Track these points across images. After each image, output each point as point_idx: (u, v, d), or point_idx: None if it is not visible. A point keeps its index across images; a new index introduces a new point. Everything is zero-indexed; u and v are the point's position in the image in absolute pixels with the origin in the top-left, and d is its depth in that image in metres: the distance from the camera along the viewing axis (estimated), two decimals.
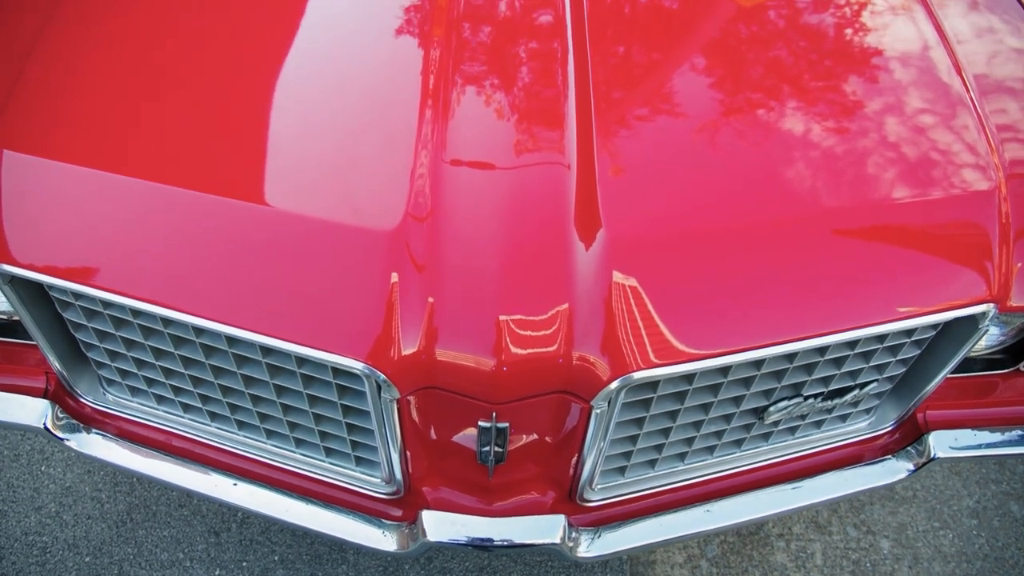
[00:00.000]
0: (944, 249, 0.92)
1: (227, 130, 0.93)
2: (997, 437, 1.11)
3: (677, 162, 0.93)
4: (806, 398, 0.96)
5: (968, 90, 1.07)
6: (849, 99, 1.03)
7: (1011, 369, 1.14)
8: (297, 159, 0.89)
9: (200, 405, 1.00)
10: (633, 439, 0.94)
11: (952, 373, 1.03)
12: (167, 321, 0.87)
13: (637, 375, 0.80)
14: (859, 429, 1.10)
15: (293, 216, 0.84)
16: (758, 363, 0.88)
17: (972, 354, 1.12)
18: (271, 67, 1.00)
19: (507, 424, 0.86)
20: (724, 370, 0.87)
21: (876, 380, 0.99)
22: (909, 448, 1.10)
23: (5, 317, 1.08)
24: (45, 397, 1.06)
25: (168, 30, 1.04)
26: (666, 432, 0.95)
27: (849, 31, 1.17)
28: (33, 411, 1.06)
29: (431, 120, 0.92)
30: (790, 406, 0.96)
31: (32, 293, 0.94)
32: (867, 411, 1.09)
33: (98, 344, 0.97)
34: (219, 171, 0.88)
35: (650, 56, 1.09)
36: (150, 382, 1.02)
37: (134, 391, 1.05)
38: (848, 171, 0.94)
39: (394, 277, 0.80)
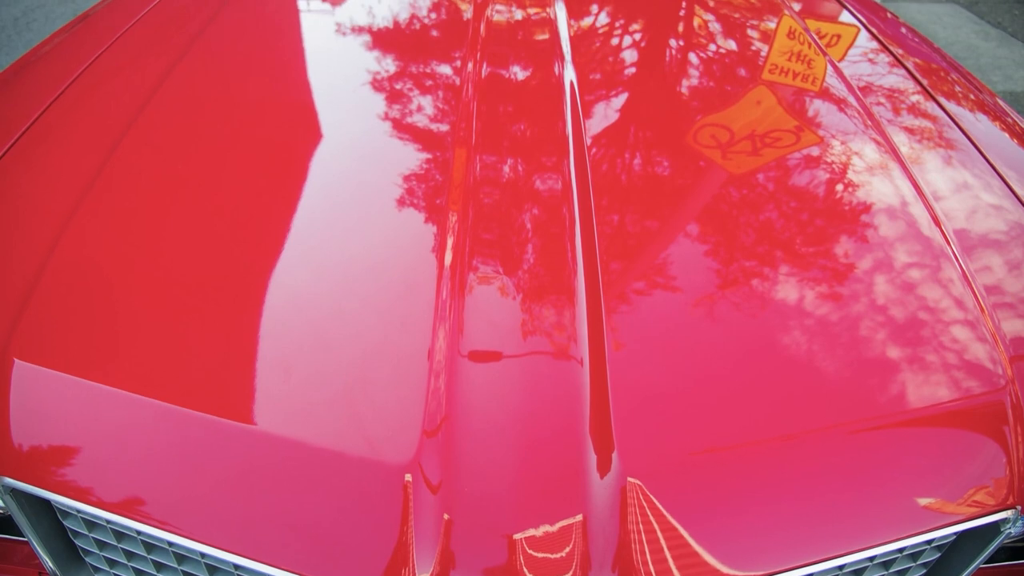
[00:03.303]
0: (957, 452, 0.91)
1: (239, 343, 0.93)
2: None
3: (688, 356, 0.93)
4: None
5: (957, 257, 1.09)
6: (842, 269, 1.06)
7: None
8: (309, 369, 0.89)
9: None
10: None
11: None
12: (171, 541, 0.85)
13: None
14: None
15: (303, 445, 0.83)
16: None
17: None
18: (281, 269, 1.02)
19: None
20: None
21: None
22: None
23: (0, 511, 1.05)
24: None
25: (181, 240, 1.06)
26: None
27: (839, 187, 1.22)
28: None
29: (448, 307, 0.93)
30: None
31: (32, 500, 0.92)
32: None
33: (97, 552, 0.95)
34: (229, 392, 0.88)
35: (650, 225, 1.12)
36: None
37: None
38: (849, 363, 0.94)
39: (408, 503, 0.79)
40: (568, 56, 1.52)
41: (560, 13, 1.71)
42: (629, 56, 1.62)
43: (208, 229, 1.08)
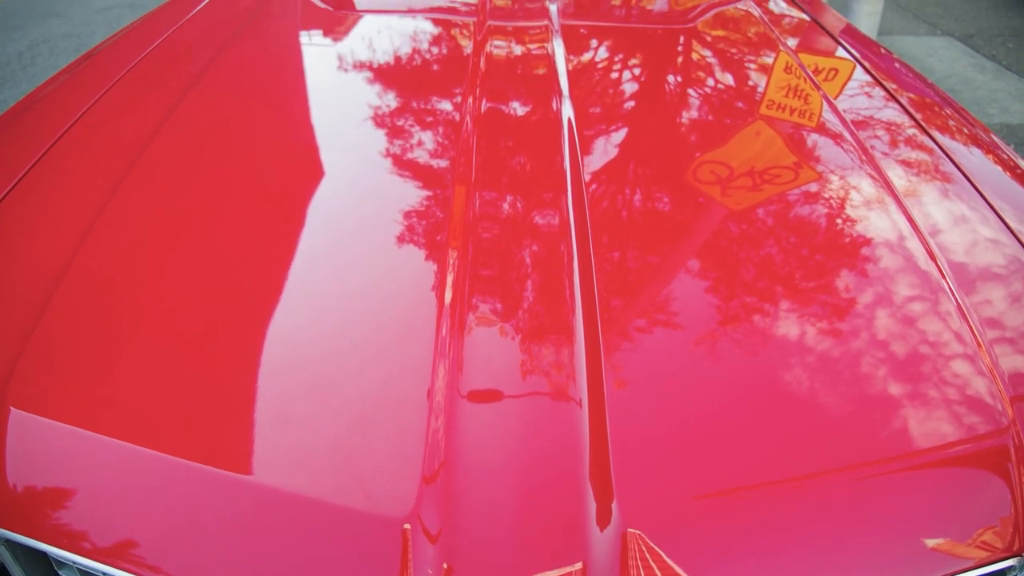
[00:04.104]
0: (960, 498, 0.90)
1: (238, 389, 0.92)
2: None
3: (687, 397, 0.92)
4: None
5: (954, 293, 1.09)
6: (841, 307, 1.05)
7: None
8: (308, 415, 0.88)
9: None
10: None
11: None
12: None
13: None
14: None
15: (301, 495, 0.81)
16: None
17: None
18: (282, 311, 1.01)
19: None
20: None
21: None
22: None
23: None
24: None
25: (180, 284, 1.06)
26: None
27: (835, 224, 1.21)
28: None
29: (448, 347, 0.92)
30: None
31: (27, 551, 0.91)
32: None
33: None
34: (227, 442, 0.87)
35: (648, 261, 1.12)
36: None
37: None
38: (852, 404, 0.93)
39: (408, 553, 0.78)
40: (566, 91, 1.53)
41: (558, 48, 1.73)
42: (626, 91, 1.63)
43: (208, 271, 1.07)
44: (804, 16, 2.17)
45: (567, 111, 1.45)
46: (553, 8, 1.96)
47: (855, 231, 1.19)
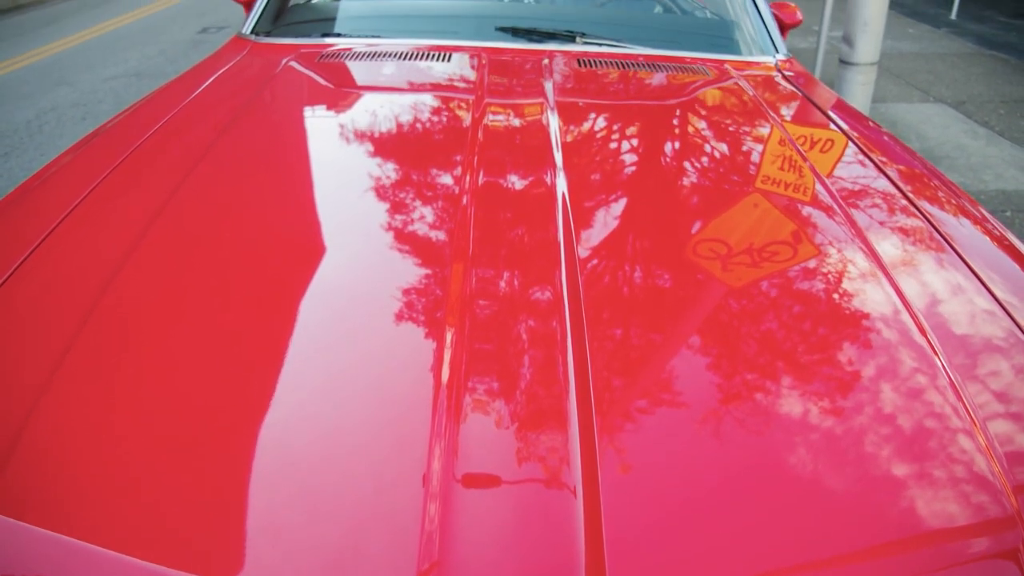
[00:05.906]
0: None
1: (225, 488, 0.89)
2: None
3: (681, 483, 0.90)
4: None
5: (946, 369, 1.08)
6: (836, 389, 1.04)
7: None
8: (300, 513, 0.86)
9: None
10: None
11: None
12: None
13: None
14: None
15: None
16: None
17: None
18: (276, 398, 1.00)
19: None
20: None
21: None
22: None
23: None
24: None
25: (171, 383, 1.03)
26: None
27: (825, 300, 1.21)
28: None
29: (444, 430, 0.91)
30: None
31: None
32: None
33: None
34: (211, 547, 0.84)
35: (644, 338, 1.11)
36: None
37: None
38: (854, 490, 0.91)
39: None
40: (560, 166, 1.56)
41: (553, 124, 1.76)
42: (619, 166, 1.66)
43: (200, 364, 1.05)
44: (795, 91, 2.22)
45: (561, 186, 1.47)
46: (548, 85, 2.01)
47: (846, 309, 1.19)
